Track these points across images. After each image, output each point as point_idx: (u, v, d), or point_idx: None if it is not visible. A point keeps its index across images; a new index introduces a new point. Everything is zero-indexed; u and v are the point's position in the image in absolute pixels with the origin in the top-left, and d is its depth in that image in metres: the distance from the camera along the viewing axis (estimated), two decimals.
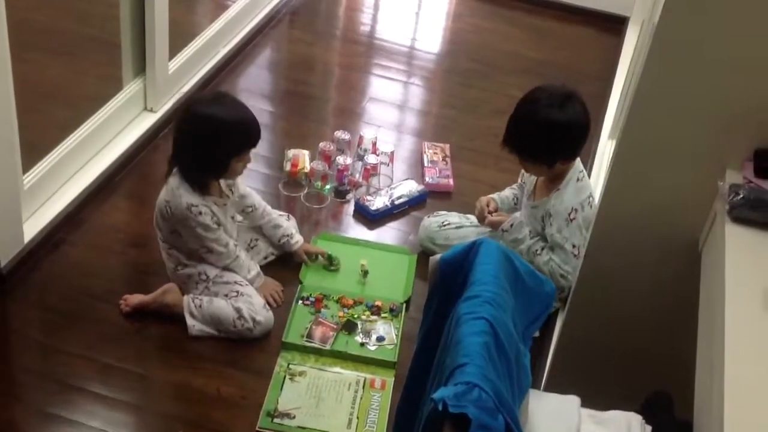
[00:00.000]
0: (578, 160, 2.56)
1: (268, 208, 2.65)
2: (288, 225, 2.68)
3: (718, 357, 1.49)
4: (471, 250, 1.60)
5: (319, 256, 2.68)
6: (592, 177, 3.10)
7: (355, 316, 2.54)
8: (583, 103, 2.49)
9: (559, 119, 2.41)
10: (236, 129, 2.33)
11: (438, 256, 1.66)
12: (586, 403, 1.79)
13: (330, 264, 2.68)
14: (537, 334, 2.43)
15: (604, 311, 2.12)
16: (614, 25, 4.25)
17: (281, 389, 2.29)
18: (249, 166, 2.45)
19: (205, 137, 2.32)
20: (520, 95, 3.69)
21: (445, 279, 1.63)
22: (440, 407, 1.26)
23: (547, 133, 2.43)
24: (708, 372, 1.57)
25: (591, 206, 2.52)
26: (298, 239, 2.66)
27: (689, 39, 1.78)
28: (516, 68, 3.92)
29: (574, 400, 1.76)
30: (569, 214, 2.50)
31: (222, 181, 2.47)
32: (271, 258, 2.68)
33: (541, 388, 2.22)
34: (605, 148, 3.20)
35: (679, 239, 1.99)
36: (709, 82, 1.81)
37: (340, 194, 3.01)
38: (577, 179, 2.53)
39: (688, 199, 1.94)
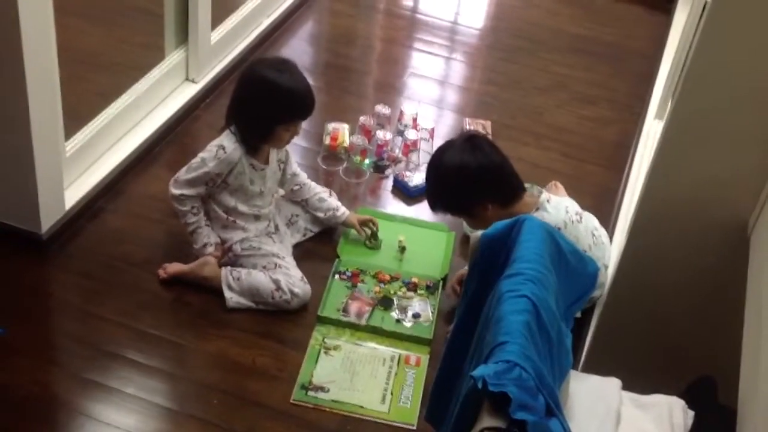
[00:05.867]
0: (543, 194, 2.35)
1: (314, 184, 2.66)
2: (331, 199, 2.67)
3: (766, 342, 1.45)
4: (514, 227, 1.57)
5: (366, 228, 2.66)
6: (636, 157, 3.05)
7: (392, 292, 2.52)
8: (490, 146, 2.33)
9: (457, 162, 2.27)
10: (287, 96, 2.33)
11: (479, 233, 1.63)
12: (626, 385, 1.76)
13: (373, 239, 2.66)
14: (579, 314, 2.39)
15: (646, 294, 2.08)
16: (663, 3, 4.16)
17: (316, 363, 2.29)
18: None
19: (256, 98, 2.33)
20: (564, 73, 3.69)
21: (486, 256, 1.61)
22: (480, 385, 1.24)
23: (446, 177, 2.30)
24: (755, 358, 1.53)
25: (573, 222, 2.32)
26: (344, 210, 2.65)
27: (744, 17, 1.73)
28: (561, 45, 3.86)
29: (615, 383, 1.73)
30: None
31: (273, 153, 2.46)
32: (310, 234, 2.67)
33: (580, 368, 2.19)
34: (651, 128, 3.13)
35: (727, 222, 1.94)
36: (763, 61, 1.76)
37: (379, 169, 2.98)
38: (548, 204, 2.32)
39: (738, 181, 1.89)
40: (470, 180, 2.27)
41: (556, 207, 2.30)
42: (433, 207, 2.43)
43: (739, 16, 1.73)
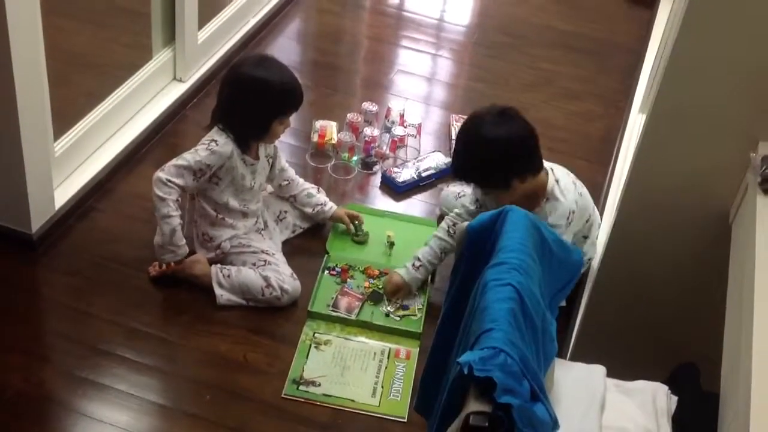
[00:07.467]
0: (549, 174, 2.36)
1: (302, 180, 2.68)
2: (319, 195, 2.70)
3: (746, 329, 1.48)
4: (498, 218, 1.60)
5: (353, 222, 2.69)
6: (621, 151, 3.08)
7: (381, 286, 2.54)
8: (521, 116, 2.33)
9: (499, 135, 2.26)
10: (280, 90, 2.36)
11: (465, 224, 1.65)
12: (612, 374, 1.78)
13: (356, 233, 2.68)
14: (564, 303, 2.41)
15: (631, 282, 2.11)
16: None
17: (307, 357, 2.30)
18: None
19: (250, 98, 2.35)
20: (550, 69, 3.72)
21: (472, 246, 1.63)
22: (466, 371, 1.26)
23: (488, 152, 2.28)
24: (736, 344, 1.56)
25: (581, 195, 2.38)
26: (331, 205, 2.68)
27: (723, 11, 1.75)
28: (547, 41, 3.88)
29: (599, 370, 1.75)
30: (567, 218, 2.32)
31: (262, 150, 2.49)
32: (299, 231, 2.69)
33: (567, 357, 2.22)
34: (635, 122, 3.16)
35: (710, 212, 1.97)
36: (742, 54, 1.79)
37: (367, 166, 3.00)
38: (559, 189, 2.35)
39: (719, 171, 1.92)
40: (516, 151, 2.26)
41: (566, 189, 2.32)
42: (466, 179, 2.39)
43: (717, 10, 1.76)
